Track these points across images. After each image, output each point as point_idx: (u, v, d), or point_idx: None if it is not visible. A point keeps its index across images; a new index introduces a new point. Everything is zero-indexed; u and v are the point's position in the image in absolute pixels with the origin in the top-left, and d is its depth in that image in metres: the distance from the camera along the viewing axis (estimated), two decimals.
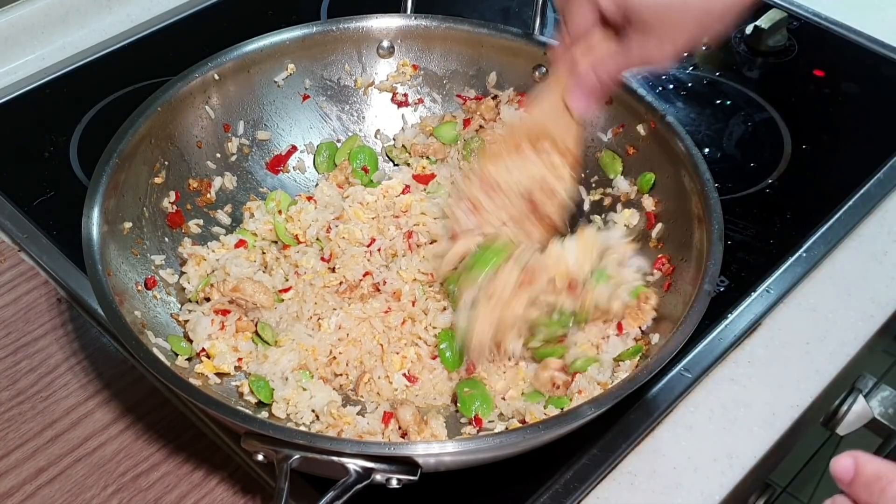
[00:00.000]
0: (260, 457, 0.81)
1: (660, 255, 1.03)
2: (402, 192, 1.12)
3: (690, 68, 1.38)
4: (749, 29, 1.43)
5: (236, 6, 1.47)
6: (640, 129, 1.08)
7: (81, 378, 1.01)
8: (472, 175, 1.00)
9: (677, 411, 1.00)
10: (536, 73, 1.16)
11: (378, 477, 0.78)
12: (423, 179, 1.14)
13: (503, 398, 0.96)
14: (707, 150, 1.25)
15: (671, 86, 1.35)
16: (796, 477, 1.55)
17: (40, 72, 1.36)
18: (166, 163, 1.07)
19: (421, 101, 1.21)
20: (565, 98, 0.92)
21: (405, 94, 1.21)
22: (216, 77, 1.10)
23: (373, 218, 1.08)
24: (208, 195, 1.10)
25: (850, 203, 1.19)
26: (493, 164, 0.98)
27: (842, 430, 1.26)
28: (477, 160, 1.05)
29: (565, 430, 0.85)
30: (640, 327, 0.98)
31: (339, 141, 1.20)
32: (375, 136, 1.21)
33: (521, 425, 0.91)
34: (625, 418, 0.96)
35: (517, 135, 0.98)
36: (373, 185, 1.14)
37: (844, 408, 1.24)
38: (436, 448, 0.80)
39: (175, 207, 1.07)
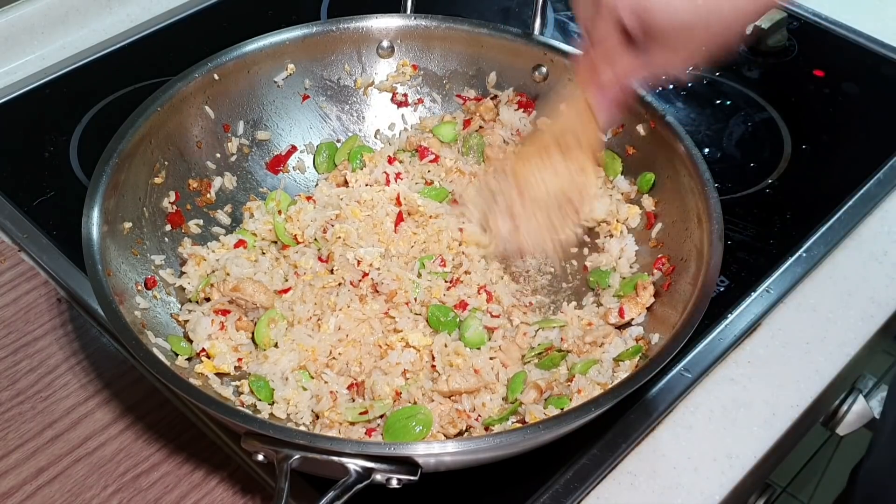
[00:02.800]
0: (260, 457, 0.81)
1: (660, 255, 1.03)
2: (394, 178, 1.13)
3: (690, 68, 1.38)
4: (749, 29, 1.43)
5: (236, 6, 1.47)
6: (640, 129, 1.08)
7: (81, 378, 1.01)
8: (505, 175, 1.02)
9: (677, 411, 1.00)
10: (536, 74, 1.16)
11: (378, 477, 0.78)
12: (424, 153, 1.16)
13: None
14: (707, 150, 1.25)
15: (671, 86, 1.35)
16: (796, 477, 1.55)
17: (40, 72, 1.36)
18: (166, 163, 1.06)
19: (421, 101, 1.21)
20: (590, 103, 0.95)
21: (405, 94, 1.21)
22: (216, 77, 1.10)
23: (368, 215, 1.08)
24: (208, 195, 1.10)
25: (850, 203, 1.19)
26: (522, 164, 1.00)
27: (842, 430, 1.26)
28: (508, 161, 1.06)
29: (565, 430, 0.85)
30: (640, 324, 0.98)
31: (338, 141, 1.19)
32: (375, 136, 1.21)
33: (521, 425, 0.91)
34: (625, 418, 0.96)
35: (545, 136, 1.00)
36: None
37: (844, 408, 1.24)
38: (436, 448, 0.80)
39: (175, 207, 1.07)
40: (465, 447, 0.82)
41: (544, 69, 1.15)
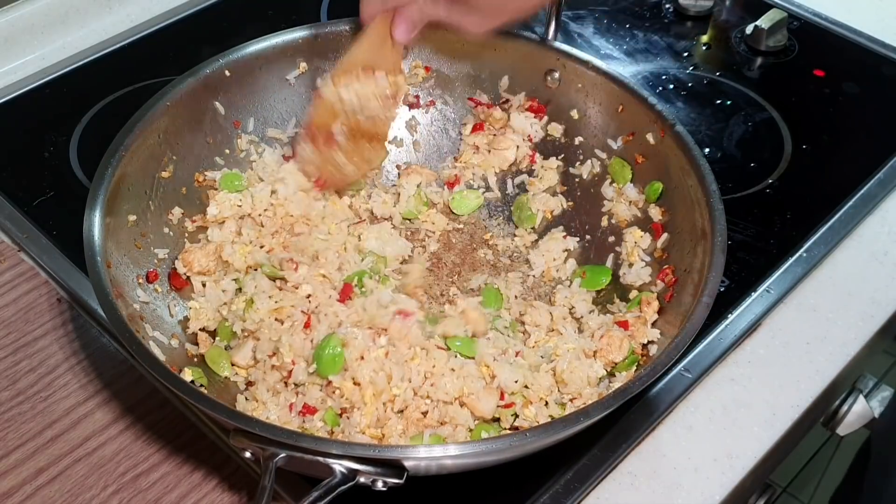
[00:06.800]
0: (248, 454, 0.81)
1: (665, 266, 1.02)
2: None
3: (691, 68, 1.38)
4: (749, 29, 1.43)
5: (236, 6, 1.47)
6: (650, 137, 1.07)
7: (81, 378, 1.01)
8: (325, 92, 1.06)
9: (677, 411, 1.00)
10: (549, 78, 1.15)
11: (363, 479, 0.78)
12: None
13: None
14: (707, 150, 1.25)
15: (671, 86, 1.35)
16: (796, 477, 1.55)
17: (40, 72, 1.36)
18: (174, 157, 1.06)
19: (433, 103, 1.21)
20: (391, 31, 1.02)
21: (417, 96, 1.20)
22: (227, 73, 1.10)
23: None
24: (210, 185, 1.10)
25: (850, 203, 1.19)
26: (337, 85, 1.05)
27: (842, 430, 1.26)
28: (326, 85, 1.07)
29: (552, 440, 0.84)
30: (641, 342, 0.98)
31: None
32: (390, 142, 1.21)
33: (510, 432, 0.91)
34: (625, 418, 0.96)
35: (353, 64, 1.05)
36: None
37: (844, 408, 1.24)
38: (422, 452, 0.79)
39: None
40: (450, 452, 0.80)
41: (557, 74, 1.14)
